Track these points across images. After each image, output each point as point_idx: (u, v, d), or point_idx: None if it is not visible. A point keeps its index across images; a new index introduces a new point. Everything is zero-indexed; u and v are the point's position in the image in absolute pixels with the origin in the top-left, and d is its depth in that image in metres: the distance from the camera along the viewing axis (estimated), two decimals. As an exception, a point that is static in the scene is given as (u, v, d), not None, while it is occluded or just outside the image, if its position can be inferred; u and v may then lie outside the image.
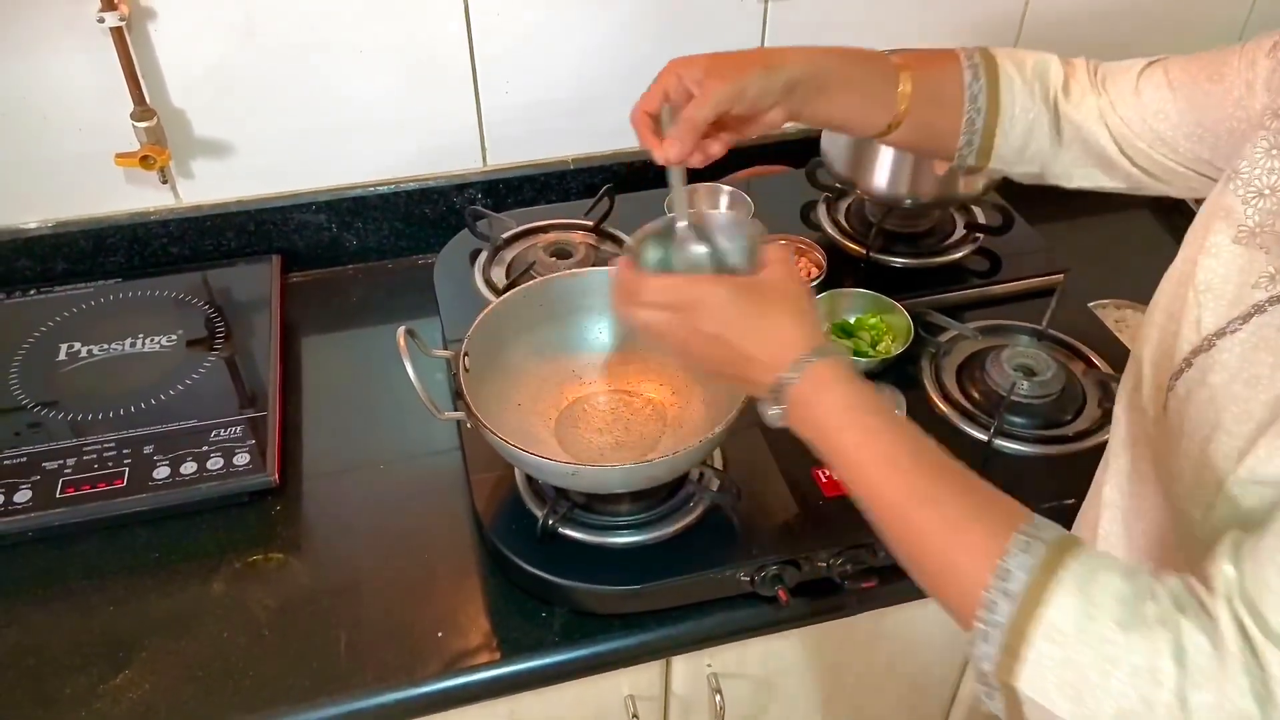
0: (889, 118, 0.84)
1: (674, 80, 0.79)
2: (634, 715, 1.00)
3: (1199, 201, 0.75)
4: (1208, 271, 0.67)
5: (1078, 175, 0.87)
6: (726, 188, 1.29)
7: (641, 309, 0.71)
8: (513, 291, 0.98)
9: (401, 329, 0.83)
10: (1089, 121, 0.83)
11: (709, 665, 1.01)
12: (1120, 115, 0.82)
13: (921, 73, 0.84)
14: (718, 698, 1.01)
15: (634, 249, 0.77)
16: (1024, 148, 0.86)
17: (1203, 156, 0.79)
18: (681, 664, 1.00)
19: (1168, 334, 0.70)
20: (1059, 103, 0.85)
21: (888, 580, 0.94)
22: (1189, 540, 0.67)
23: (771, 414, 0.69)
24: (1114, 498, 0.78)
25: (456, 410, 0.88)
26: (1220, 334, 0.65)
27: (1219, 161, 0.77)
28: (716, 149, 0.82)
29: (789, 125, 1.44)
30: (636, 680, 0.99)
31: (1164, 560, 0.73)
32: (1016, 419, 1.02)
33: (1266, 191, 0.66)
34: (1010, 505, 0.61)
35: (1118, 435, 0.78)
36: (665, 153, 0.78)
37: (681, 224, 0.78)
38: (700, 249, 0.78)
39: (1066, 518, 0.97)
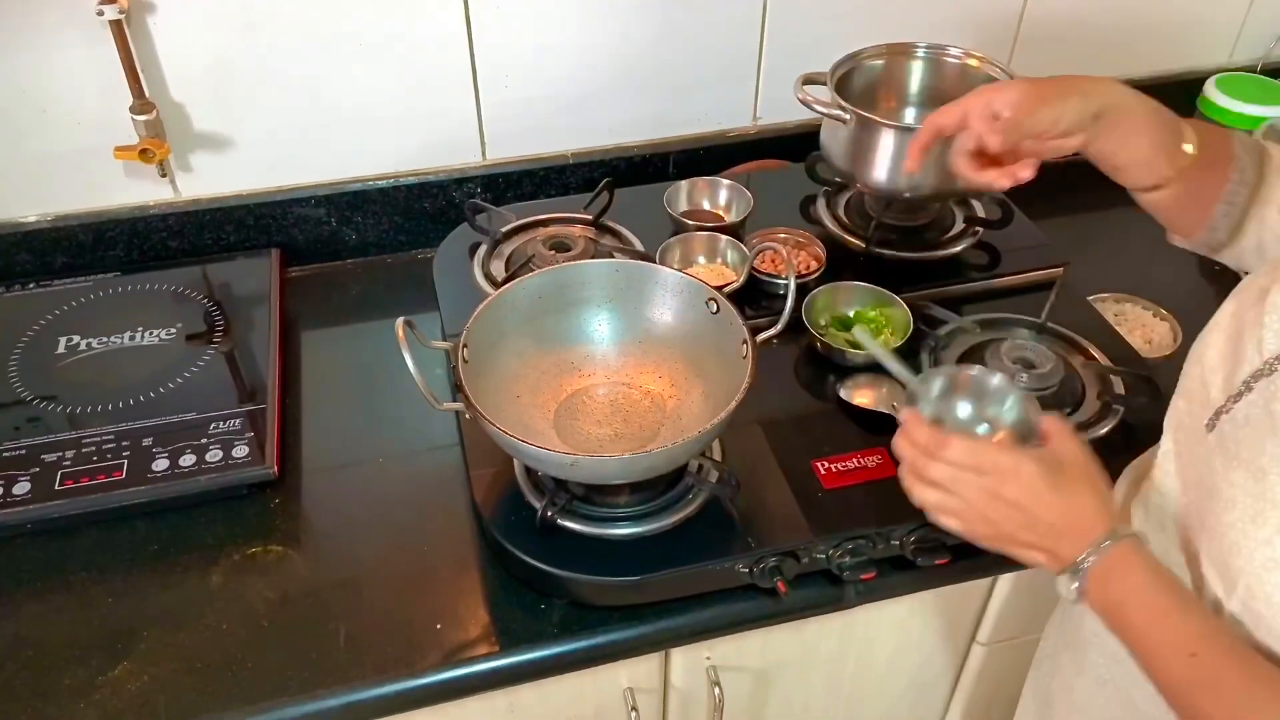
0: (1169, 171, 0.82)
1: (980, 103, 0.82)
2: (633, 708, 1.00)
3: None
4: (1278, 294, 0.67)
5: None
6: (726, 181, 1.29)
7: (940, 466, 0.73)
8: (512, 283, 0.98)
9: (400, 320, 0.83)
10: None
11: (708, 658, 1.01)
12: None
13: (1204, 138, 0.83)
14: (716, 690, 1.01)
15: (913, 397, 0.81)
16: (1262, 244, 0.83)
17: None
18: (680, 656, 1.00)
19: (1227, 355, 0.70)
20: None
21: (886, 573, 0.95)
22: (1232, 564, 0.67)
23: (1067, 588, 0.71)
24: (1155, 512, 0.78)
25: (455, 402, 0.88)
26: None
27: None
28: (1027, 173, 0.84)
29: (786, 119, 1.46)
30: (635, 673, 0.99)
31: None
32: (1015, 412, 1.02)
33: None
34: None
35: (1164, 448, 0.78)
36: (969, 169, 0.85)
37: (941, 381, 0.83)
38: (967, 408, 0.83)
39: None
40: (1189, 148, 0.81)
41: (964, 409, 0.84)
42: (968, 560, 0.97)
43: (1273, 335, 0.66)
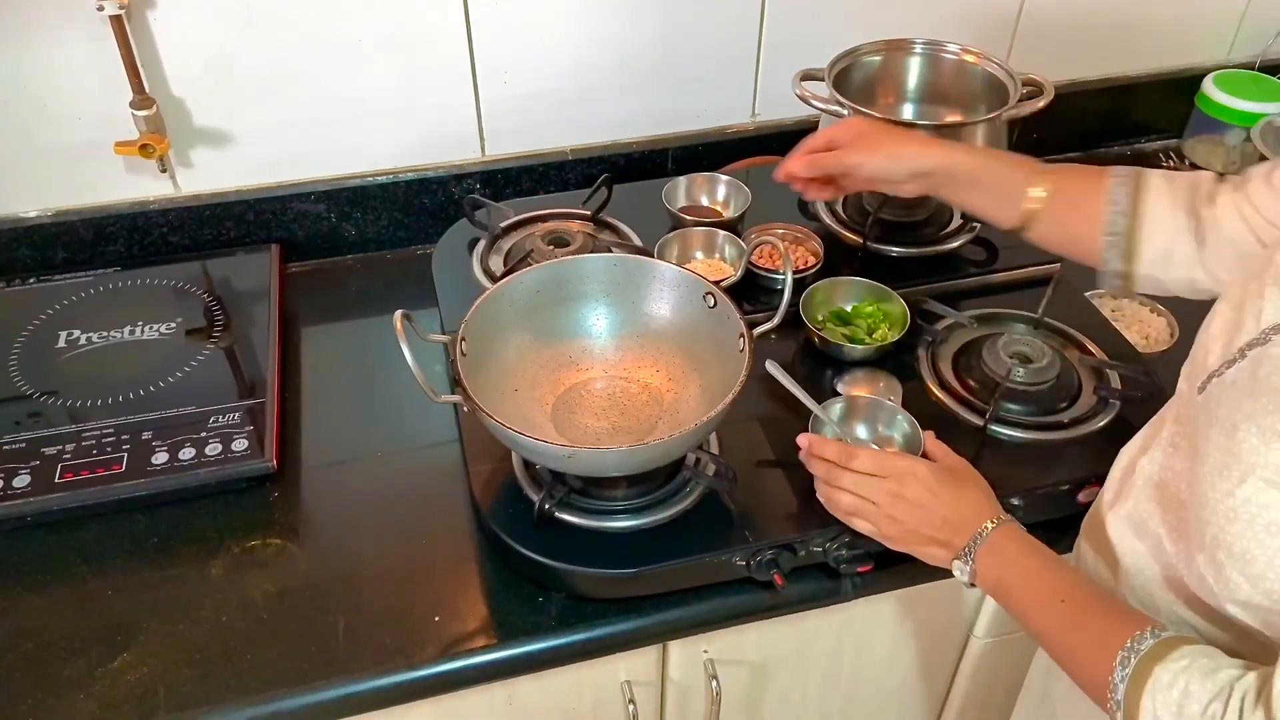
0: (1016, 219, 0.93)
1: (844, 131, 0.99)
2: (630, 701, 1.00)
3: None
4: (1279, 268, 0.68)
5: (1226, 278, 0.86)
6: (724, 177, 1.30)
7: (849, 474, 0.88)
8: (510, 277, 0.98)
9: (399, 313, 0.83)
10: (1227, 218, 0.83)
11: (705, 651, 1.01)
12: (1255, 204, 0.81)
13: (1065, 181, 0.92)
14: (714, 683, 1.01)
15: (818, 421, 0.97)
16: (1170, 252, 0.87)
17: None
18: (678, 649, 1.00)
19: (1229, 324, 0.71)
20: (1201, 208, 0.85)
21: (884, 565, 0.95)
22: (1200, 516, 0.68)
23: (961, 573, 0.84)
24: (1150, 468, 0.80)
25: (454, 395, 0.88)
26: (1276, 329, 0.66)
27: None
28: (827, 194, 1.05)
29: (785, 114, 1.46)
30: (633, 666, 1.00)
31: (1182, 534, 0.75)
32: (1012, 406, 1.03)
33: None
34: (1136, 620, 0.72)
35: (1171, 409, 0.80)
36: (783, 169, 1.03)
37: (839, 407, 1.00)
38: (864, 430, 1.00)
39: (1062, 503, 0.98)
40: (1038, 192, 0.91)
41: (862, 430, 1.00)
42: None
43: (1272, 307, 0.68)
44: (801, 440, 0.92)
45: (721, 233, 1.20)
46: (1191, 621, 0.76)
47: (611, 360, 1.03)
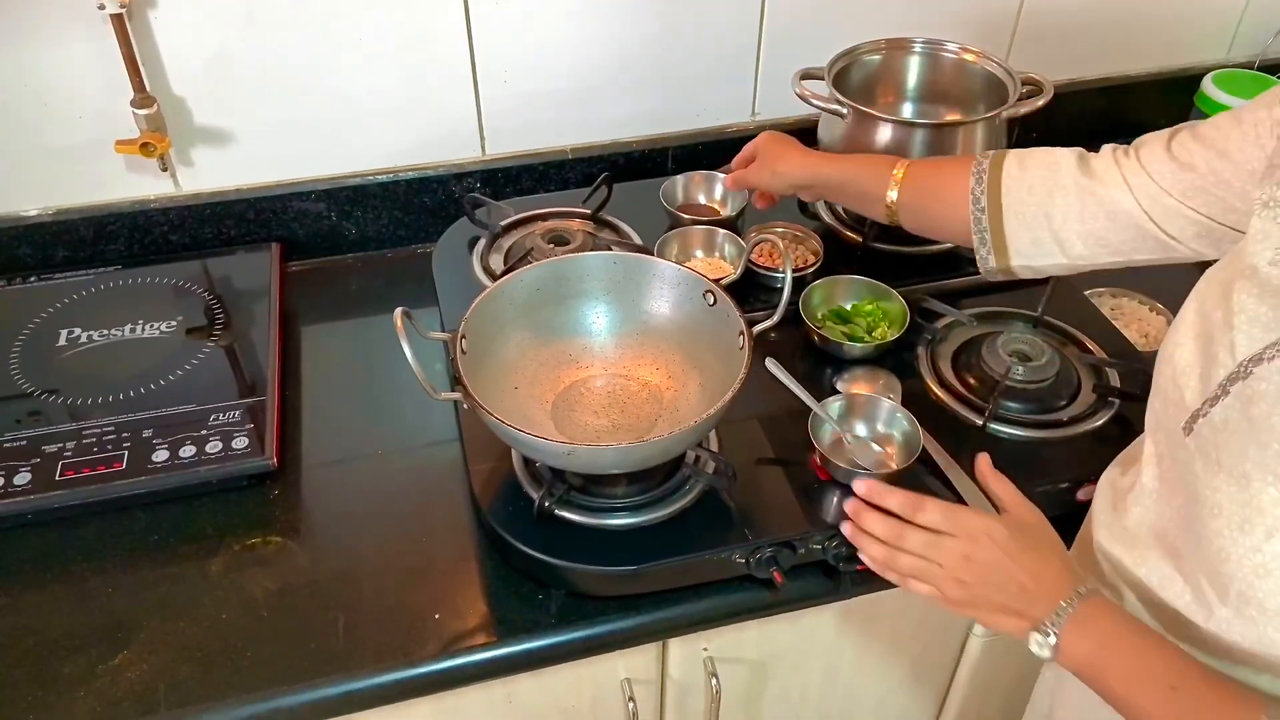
0: (885, 214, 1.02)
1: (751, 147, 1.17)
2: (630, 699, 1.00)
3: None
4: (1243, 294, 0.67)
5: (1104, 255, 0.88)
6: (722, 175, 1.30)
7: (917, 533, 0.79)
8: (510, 275, 0.98)
9: (399, 310, 0.83)
10: (1112, 189, 0.84)
11: (705, 649, 1.01)
12: (1148, 171, 0.82)
13: (918, 177, 1.00)
14: (714, 681, 1.01)
15: (816, 418, 0.97)
16: (1038, 240, 0.89)
17: (1234, 207, 0.78)
18: (678, 647, 1.00)
19: (1198, 356, 0.70)
20: (1077, 181, 0.86)
21: (883, 563, 0.95)
22: (1222, 571, 0.68)
23: (1040, 646, 0.74)
24: (1143, 516, 0.79)
25: (454, 392, 0.88)
26: (1256, 360, 0.65)
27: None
28: (761, 206, 1.21)
29: (785, 114, 1.46)
30: (633, 663, 1.00)
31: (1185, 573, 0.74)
32: (1011, 404, 1.03)
33: None
34: (1252, 701, 0.66)
35: (1147, 451, 0.78)
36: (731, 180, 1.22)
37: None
38: (863, 427, 0.99)
39: (1061, 501, 0.98)
40: (891, 194, 1.00)
41: (861, 428, 0.99)
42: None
43: (1243, 337, 0.66)
44: (858, 487, 0.83)
45: (721, 231, 1.20)
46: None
47: (611, 358, 1.03)
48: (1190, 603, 0.73)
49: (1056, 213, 0.88)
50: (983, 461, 0.85)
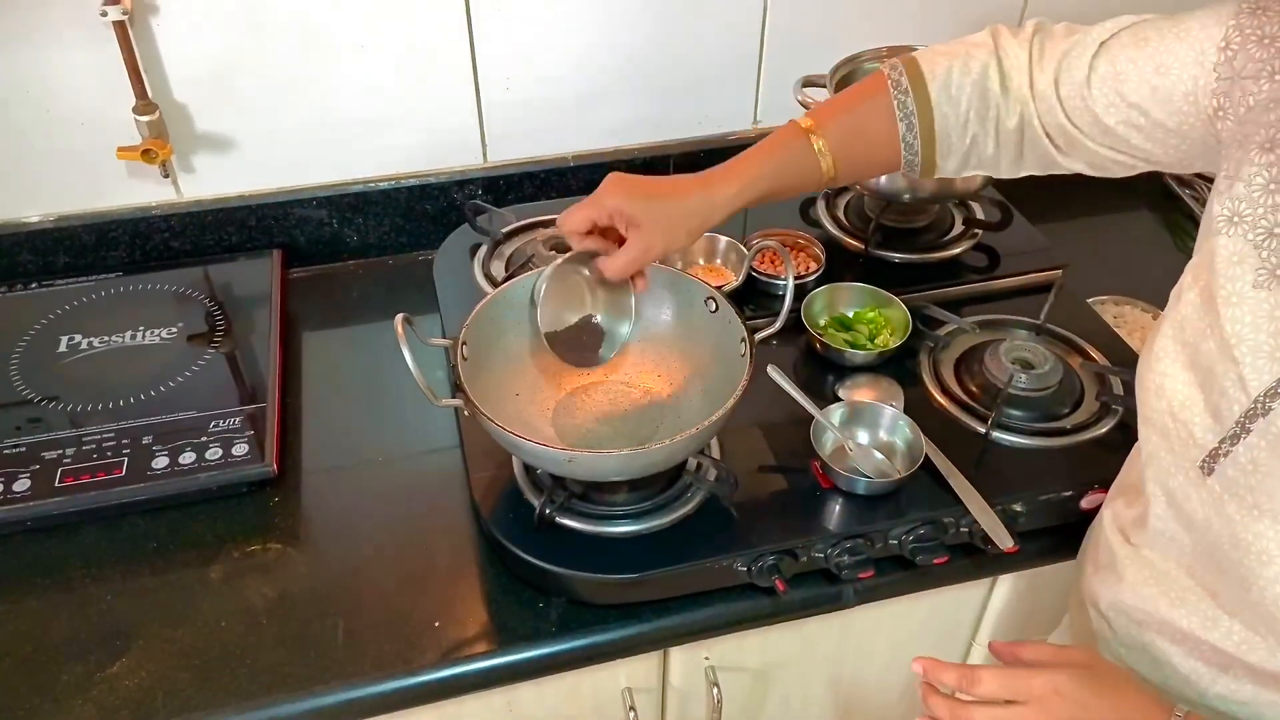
0: (821, 181, 0.88)
1: (605, 215, 0.87)
2: (631, 708, 1.00)
3: (1193, 195, 0.75)
4: (1235, 323, 0.65)
5: (1025, 169, 0.87)
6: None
7: (980, 712, 0.70)
8: (511, 281, 0.98)
9: (400, 316, 0.83)
10: (1026, 127, 0.82)
11: (706, 658, 1.01)
12: (1061, 113, 0.80)
13: (836, 125, 0.87)
14: (715, 690, 1.01)
15: (819, 425, 0.96)
16: (966, 162, 0.88)
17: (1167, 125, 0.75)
18: (679, 656, 1.00)
19: (1199, 389, 0.68)
20: (1001, 119, 0.84)
21: (885, 571, 0.95)
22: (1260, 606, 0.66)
23: None
24: (1164, 556, 0.77)
25: (454, 398, 0.88)
26: (1273, 394, 0.63)
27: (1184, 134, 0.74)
28: (642, 285, 0.95)
29: (787, 120, 1.45)
30: (634, 672, 0.99)
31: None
32: (1014, 412, 1.03)
33: (1278, 230, 0.64)
34: None
35: (1151, 490, 0.75)
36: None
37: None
38: (865, 435, 0.99)
39: (1064, 510, 0.98)
40: (821, 147, 0.86)
41: (863, 435, 0.99)
42: (966, 560, 0.97)
43: (1251, 370, 0.64)
44: (916, 667, 0.76)
45: (723, 238, 1.20)
46: (1235, 692, 0.73)
47: (612, 364, 1.02)
48: (1240, 642, 0.71)
49: (989, 144, 0.85)
50: (994, 648, 0.78)
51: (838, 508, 0.94)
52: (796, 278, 1.14)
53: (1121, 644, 0.81)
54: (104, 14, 1.07)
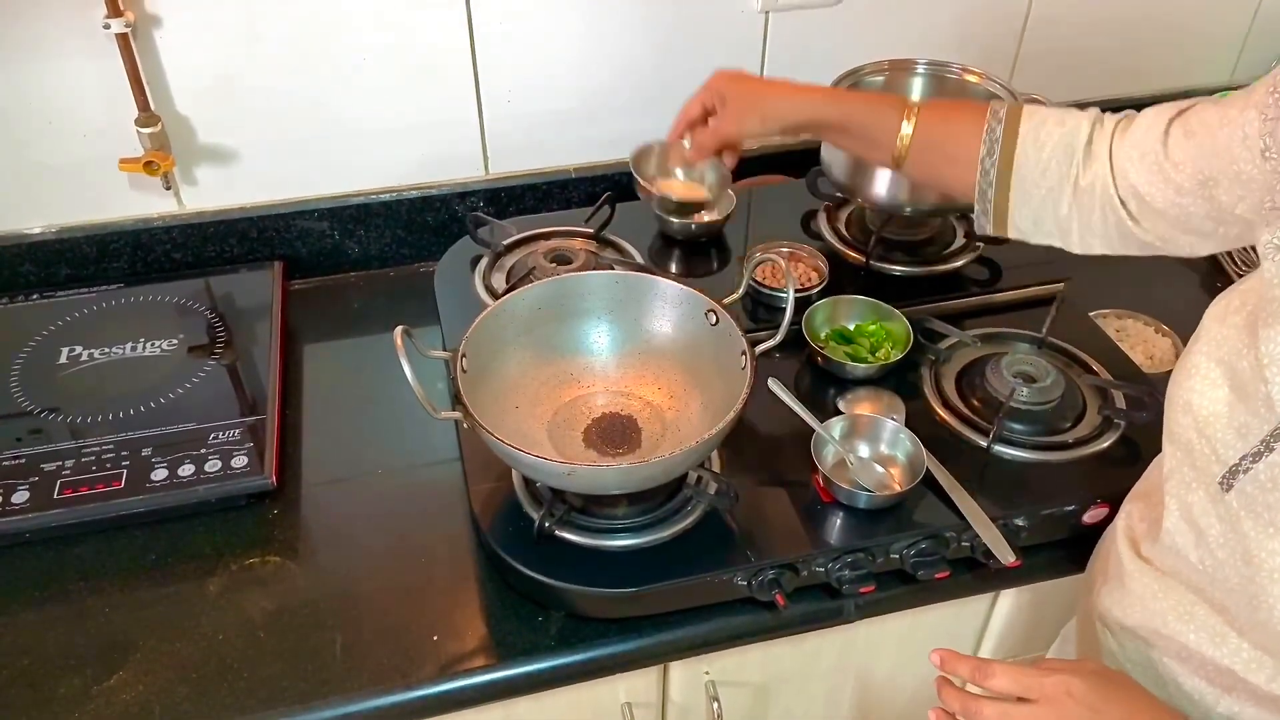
0: (889, 157, 0.95)
1: (710, 96, 1.01)
2: (631, 722, 0.99)
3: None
4: (1270, 343, 0.65)
5: (1097, 244, 0.87)
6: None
7: (992, 707, 0.71)
8: (512, 294, 0.98)
9: (399, 328, 0.83)
10: (1100, 189, 0.83)
11: (707, 673, 1.00)
12: (1134, 175, 0.80)
13: (931, 122, 0.93)
14: (715, 705, 1.00)
15: (820, 439, 0.96)
16: (1040, 221, 0.88)
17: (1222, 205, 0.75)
18: (679, 670, 0.99)
19: (1228, 406, 0.68)
20: (1079, 176, 0.84)
21: (886, 586, 0.94)
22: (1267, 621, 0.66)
23: None
24: (1175, 569, 0.76)
25: (454, 411, 0.88)
26: None
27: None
28: (730, 162, 1.06)
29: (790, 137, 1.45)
30: (634, 686, 0.99)
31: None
32: (1016, 425, 1.02)
33: None
34: None
35: (1169, 505, 0.75)
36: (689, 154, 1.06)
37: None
38: (866, 448, 0.99)
39: (1067, 525, 0.97)
40: (907, 129, 0.92)
41: (864, 449, 0.99)
42: (968, 575, 0.97)
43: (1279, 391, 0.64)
44: (934, 658, 0.78)
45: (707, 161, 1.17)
46: (1238, 714, 0.73)
47: (613, 377, 1.02)
48: (1248, 661, 0.70)
49: (1064, 203, 0.86)
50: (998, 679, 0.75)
51: (839, 522, 0.94)
52: (798, 290, 1.14)
53: (1128, 659, 0.81)
54: (107, 26, 1.08)
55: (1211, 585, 0.72)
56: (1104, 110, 0.87)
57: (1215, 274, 1.35)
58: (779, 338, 0.94)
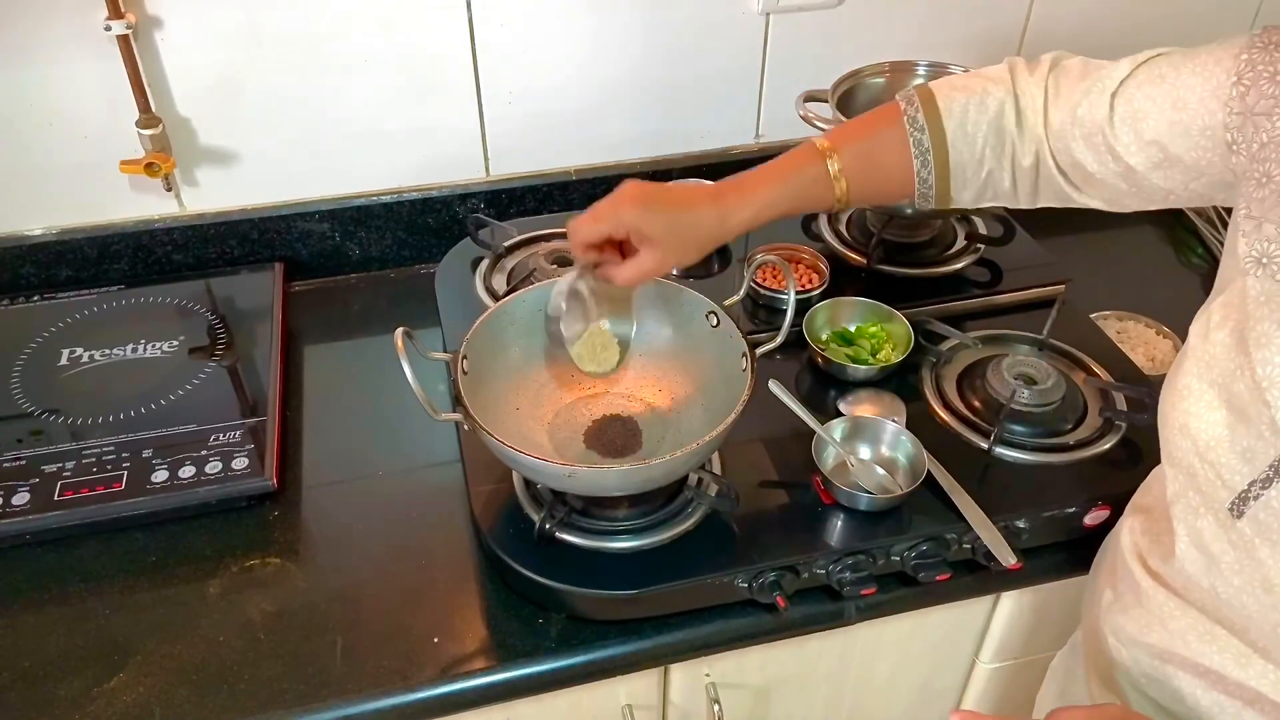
0: (833, 204, 0.88)
1: (618, 228, 0.86)
2: (632, 725, 0.99)
3: (1195, 211, 0.74)
4: (1267, 364, 0.64)
5: (1041, 202, 0.87)
6: (708, 184, 1.30)
7: None
8: (512, 296, 0.98)
9: (400, 330, 0.83)
10: (1041, 165, 0.83)
11: (707, 674, 1.00)
12: (1077, 152, 0.80)
13: (851, 150, 0.87)
14: (716, 707, 1.00)
15: (820, 440, 0.96)
16: (981, 196, 0.88)
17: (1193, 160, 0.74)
18: (679, 672, 0.99)
19: (1228, 429, 0.67)
20: (1017, 155, 0.84)
21: (888, 588, 0.94)
22: None
23: None
24: (1187, 591, 0.75)
25: (455, 412, 0.88)
26: None
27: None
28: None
29: (788, 136, 1.46)
30: (634, 689, 0.99)
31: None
32: (1017, 427, 1.02)
33: None
34: None
35: (1178, 530, 0.74)
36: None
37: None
38: (867, 450, 0.99)
39: (1068, 527, 0.97)
40: (835, 170, 0.86)
41: (865, 451, 0.99)
42: (969, 577, 0.97)
43: None
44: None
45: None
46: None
47: (613, 379, 1.02)
48: (1276, 683, 0.70)
49: (1005, 180, 0.86)
50: None
51: (839, 524, 0.94)
52: (798, 292, 1.14)
53: (1142, 674, 0.80)
54: (108, 28, 1.08)
55: (1227, 609, 0.71)
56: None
57: (1216, 275, 1.35)
58: (780, 339, 0.94)
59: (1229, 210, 0.75)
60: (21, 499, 0.97)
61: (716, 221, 0.86)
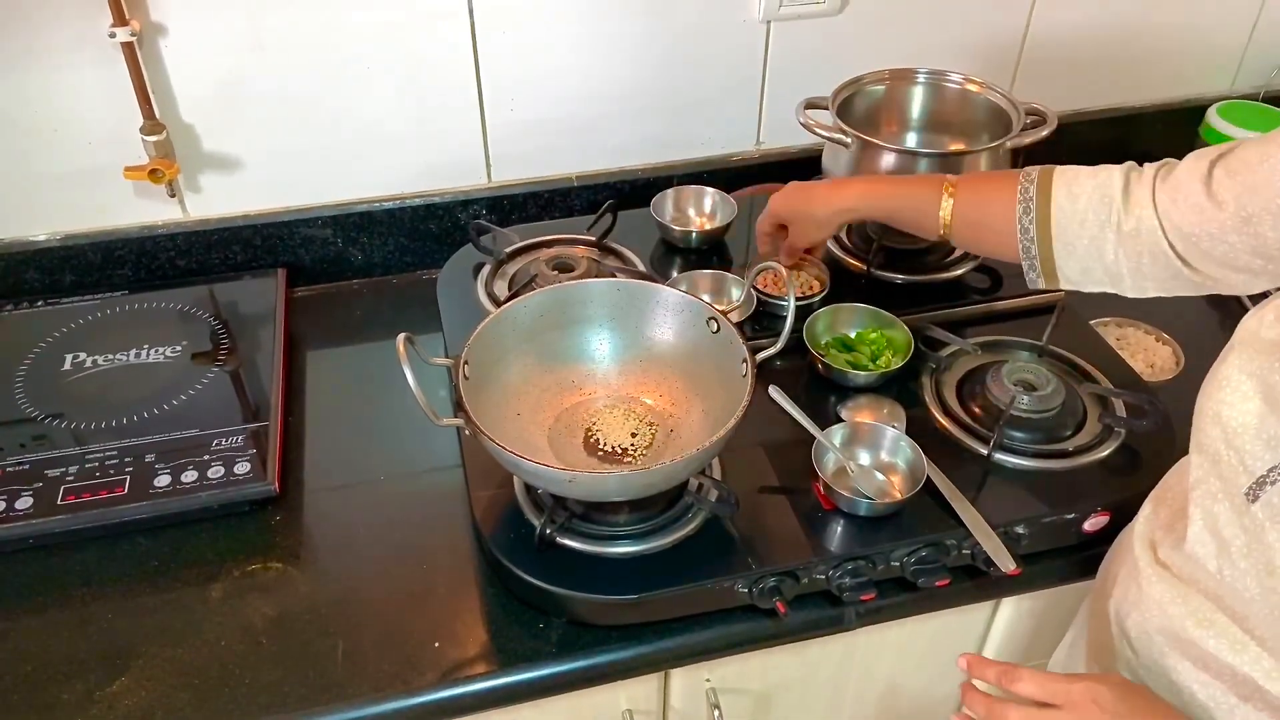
0: (936, 232, 1.01)
1: (773, 220, 1.15)
2: (632, 729, 0.99)
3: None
4: None
5: (1151, 287, 0.88)
6: (710, 190, 1.32)
7: (1016, 712, 0.73)
8: (514, 301, 0.98)
9: (401, 336, 0.83)
10: (1145, 233, 0.84)
11: (707, 679, 1.00)
12: (1178, 217, 0.81)
13: (966, 196, 0.98)
14: (716, 712, 1.00)
15: (820, 446, 0.97)
16: (1088, 270, 0.90)
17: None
18: (680, 677, 0.99)
19: (1258, 418, 0.68)
20: (1120, 222, 0.86)
21: (888, 594, 0.94)
22: None
23: None
24: (1194, 576, 0.76)
25: (456, 417, 0.88)
26: None
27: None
28: (818, 252, 1.22)
29: (789, 142, 1.47)
30: (634, 693, 0.99)
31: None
32: (1016, 433, 1.02)
33: None
34: None
35: (1193, 514, 0.75)
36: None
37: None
38: (866, 456, 1.00)
39: (1067, 533, 0.97)
40: (945, 211, 0.99)
41: (864, 456, 0.99)
42: (969, 583, 0.97)
43: None
44: (961, 663, 0.81)
45: (729, 275, 1.20)
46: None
47: (614, 384, 1.03)
48: (1269, 670, 0.70)
49: (1109, 248, 0.87)
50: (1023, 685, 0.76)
51: (839, 529, 0.94)
52: (799, 298, 1.15)
53: (1142, 664, 0.81)
54: (112, 35, 1.08)
55: (1230, 595, 0.72)
56: (1141, 165, 0.88)
57: None
58: (780, 345, 0.94)
59: None
60: (25, 503, 0.97)
61: (824, 203, 1.08)
